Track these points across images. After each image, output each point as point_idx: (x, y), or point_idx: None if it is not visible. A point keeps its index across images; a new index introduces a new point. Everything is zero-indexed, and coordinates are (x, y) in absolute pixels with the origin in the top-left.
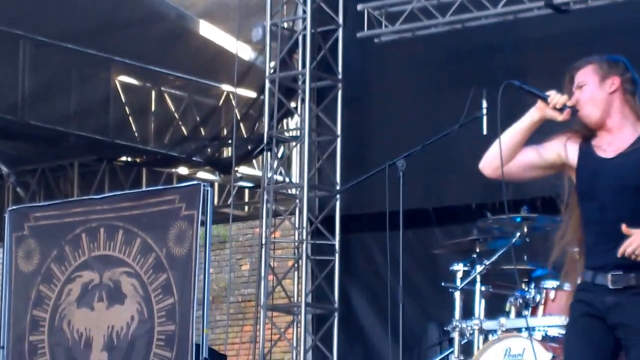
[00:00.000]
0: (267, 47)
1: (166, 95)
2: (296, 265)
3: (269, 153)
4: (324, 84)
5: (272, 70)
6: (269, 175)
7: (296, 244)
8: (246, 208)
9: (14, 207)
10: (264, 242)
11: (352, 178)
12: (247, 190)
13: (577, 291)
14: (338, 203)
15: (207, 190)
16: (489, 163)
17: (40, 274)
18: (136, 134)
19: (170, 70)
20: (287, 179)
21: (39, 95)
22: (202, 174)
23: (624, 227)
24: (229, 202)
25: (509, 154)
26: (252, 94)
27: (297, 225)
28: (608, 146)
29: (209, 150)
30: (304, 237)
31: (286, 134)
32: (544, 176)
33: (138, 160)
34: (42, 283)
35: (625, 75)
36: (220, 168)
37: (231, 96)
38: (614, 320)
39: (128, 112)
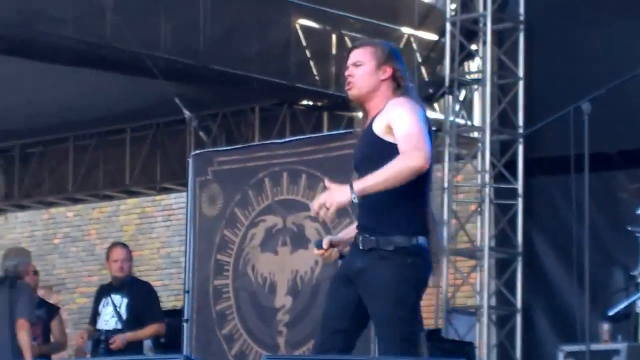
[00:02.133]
0: None
1: (346, 38)
2: (479, 209)
3: (450, 96)
4: (505, 25)
5: (453, 13)
6: (451, 118)
7: (479, 187)
8: None
9: (198, 151)
10: (446, 185)
11: (535, 121)
12: None
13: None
14: (521, 147)
15: None
16: None
17: (224, 218)
18: (317, 78)
19: (350, 13)
20: (468, 122)
21: (220, 40)
22: None
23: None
24: None
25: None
26: (432, 37)
27: (479, 169)
28: (364, 126)
29: None
30: (487, 180)
31: (467, 76)
32: None
33: (319, 104)
34: (226, 227)
35: (397, 66)
36: None
37: (412, 39)
38: (358, 281)
39: (308, 55)
